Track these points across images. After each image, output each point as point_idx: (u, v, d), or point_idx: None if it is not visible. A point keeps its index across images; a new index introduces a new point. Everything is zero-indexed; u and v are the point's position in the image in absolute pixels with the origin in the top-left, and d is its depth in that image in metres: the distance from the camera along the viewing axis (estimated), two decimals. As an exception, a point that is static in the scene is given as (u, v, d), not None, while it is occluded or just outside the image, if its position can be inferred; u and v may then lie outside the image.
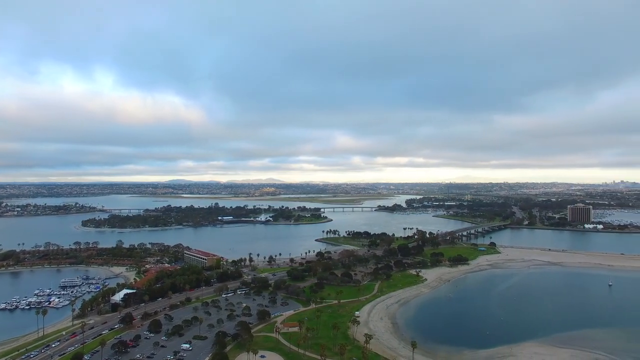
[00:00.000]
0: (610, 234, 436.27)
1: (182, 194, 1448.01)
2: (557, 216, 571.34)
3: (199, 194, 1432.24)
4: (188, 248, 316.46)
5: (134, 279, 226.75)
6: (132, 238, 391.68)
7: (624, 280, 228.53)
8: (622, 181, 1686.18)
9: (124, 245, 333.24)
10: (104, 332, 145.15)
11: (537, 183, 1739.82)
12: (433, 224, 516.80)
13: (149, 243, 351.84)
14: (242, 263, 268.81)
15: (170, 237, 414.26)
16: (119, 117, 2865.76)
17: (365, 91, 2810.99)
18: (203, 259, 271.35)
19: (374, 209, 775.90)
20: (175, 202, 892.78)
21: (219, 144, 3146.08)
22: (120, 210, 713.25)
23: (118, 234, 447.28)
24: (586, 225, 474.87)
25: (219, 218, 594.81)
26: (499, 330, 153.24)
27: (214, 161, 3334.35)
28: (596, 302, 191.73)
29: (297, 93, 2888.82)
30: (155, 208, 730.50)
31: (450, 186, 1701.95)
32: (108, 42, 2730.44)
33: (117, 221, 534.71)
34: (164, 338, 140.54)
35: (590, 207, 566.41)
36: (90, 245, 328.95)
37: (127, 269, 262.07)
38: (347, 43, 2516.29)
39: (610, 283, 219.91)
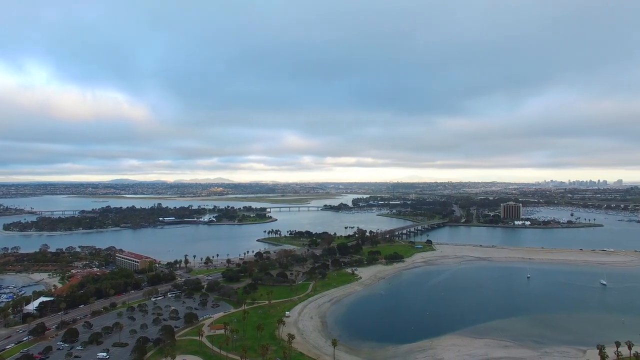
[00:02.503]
0: (535, 229, 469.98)
1: (125, 194, 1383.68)
2: (491, 214, 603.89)
3: (143, 194, 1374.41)
4: (121, 251, 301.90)
5: (54, 285, 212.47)
6: (62, 242, 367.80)
7: (540, 272, 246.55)
8: (551, 180, 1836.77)
9: (49, 250, 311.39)
10: (8, 347, 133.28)
11: (479, 182, 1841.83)
12: (376, 222, 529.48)
13: (79, 246, 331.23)
14: (178, 265, 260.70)
15: (106, 239, 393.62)
16: (54, 112, 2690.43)
17: (313, 91, 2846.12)
18: (135, 261, 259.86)
19: (320, 209, 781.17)
20: (116, 203, 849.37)
21: (165, 143, 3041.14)
22: (53, 212, 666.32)
23: (47, 237, 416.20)
24: (516, 222, 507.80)
25: (160, 219, 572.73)
26: (424, 325, 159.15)
27: (160, 160, 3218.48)
28: (514, 294, 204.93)
29: (245, 92, 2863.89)
30: (93, 209, 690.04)
31: (397, 186, 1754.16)
32: (41, 32, 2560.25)
33: (47, 224, 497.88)
34: (79, 348, 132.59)
35: (520, 204, 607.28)
36: (10, 251, 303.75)
37: (49, 275, 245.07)
38: (294, 43, 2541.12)
39: (529, 275, 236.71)
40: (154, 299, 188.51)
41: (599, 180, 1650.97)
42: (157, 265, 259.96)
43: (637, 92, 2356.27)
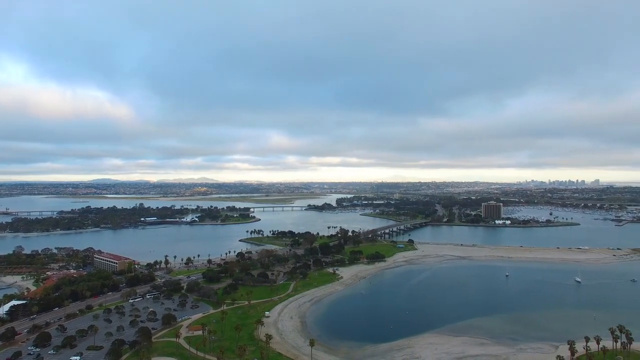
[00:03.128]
0: (515, 228, 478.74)
1: (107, 194, 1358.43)
2: (473, 213, 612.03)
3: (126, 194, 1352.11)
4: (99, 252, 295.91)
5: (27, 288, 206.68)
6: (38, 243, 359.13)
7: (518, 271, 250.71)
8: (532, 180, 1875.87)
9: (24, 252, 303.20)
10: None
11: (461, 182, 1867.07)
12: (359, 222, 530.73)
13: (56, 248, 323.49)
14: (158, 266, 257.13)
15: (85, 240, 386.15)
16: (32, 110, 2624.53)
17: (298, 91, 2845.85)
18: (114, 262, 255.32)
19: (304, 209, 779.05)
20: (96, 203, 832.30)
21: (149, 142, 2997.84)
22: (29, 212, 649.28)
23: (22, 239, 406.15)
24: (497, 221, 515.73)
25: (142, 219, 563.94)
26: (402, 324, 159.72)
27: (143, 159, 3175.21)
28: (493, 292, 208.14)
29: (229, 91, 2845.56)
30: (72, 209, 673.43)
31: (381, 185, 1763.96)
32: (19, 29, 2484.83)
33: (22, 225, 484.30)
34: (51, 352, 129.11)
35: (501, 204, 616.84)
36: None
37: (23, 277, 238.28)
38: (279, 43, 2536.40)
39: (507, 274, 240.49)
40: (131, 301, 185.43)
41: (577, 180, 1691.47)
42: (137, 266, 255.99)
43: (612, 94, 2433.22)
